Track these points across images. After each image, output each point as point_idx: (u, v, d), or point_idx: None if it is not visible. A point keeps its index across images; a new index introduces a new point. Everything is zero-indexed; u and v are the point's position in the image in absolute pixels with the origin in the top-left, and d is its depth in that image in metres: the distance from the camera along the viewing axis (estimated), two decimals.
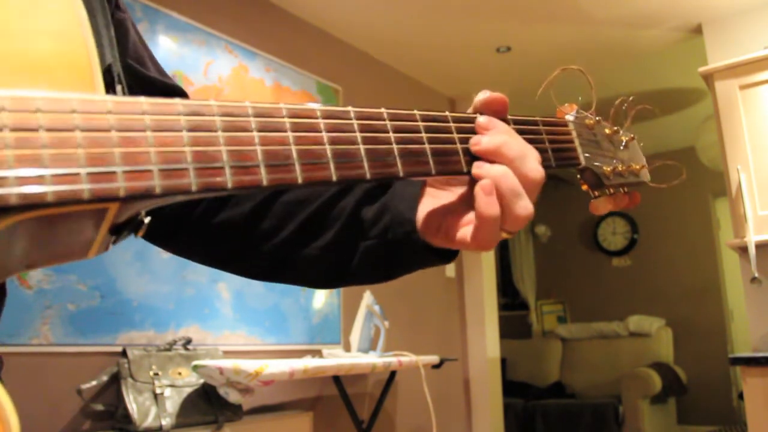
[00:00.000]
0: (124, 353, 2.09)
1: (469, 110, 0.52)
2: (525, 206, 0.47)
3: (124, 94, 0.47)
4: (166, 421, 1.98)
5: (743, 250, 2.67)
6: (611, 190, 0.60)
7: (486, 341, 3.86)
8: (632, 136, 0.64)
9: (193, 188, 0.35)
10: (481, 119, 0.50)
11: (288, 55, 3.03)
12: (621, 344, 5.22)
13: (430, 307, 3.68)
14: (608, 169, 0.59)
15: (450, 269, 3.89)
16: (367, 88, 3.52)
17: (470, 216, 0.50)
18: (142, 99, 0.36)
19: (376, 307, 2.75)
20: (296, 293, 2.83)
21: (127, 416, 1.95)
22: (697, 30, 3.29)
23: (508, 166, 0.48)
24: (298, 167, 0.40)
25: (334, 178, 0.41)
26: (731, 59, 2.78)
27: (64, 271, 2.04)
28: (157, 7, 2.47)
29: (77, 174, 0.32)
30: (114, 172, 0.33)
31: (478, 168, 0.48)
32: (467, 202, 0.51)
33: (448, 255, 0.56)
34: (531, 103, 0.65)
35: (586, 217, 5.96)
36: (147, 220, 0.41)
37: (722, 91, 2.77)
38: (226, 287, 2.54)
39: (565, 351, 5.48)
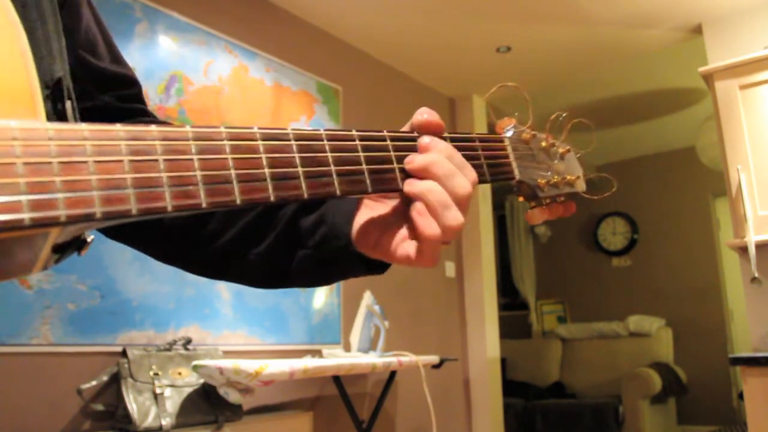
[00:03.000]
0: (124, 353, 2.09)
1: (406, 127, 0.55)
2: (454, 216, 0.49)
3: (73, 109, 0.48)
4: (166, 421, 1.98)
5: (743, 250, 2.67)
6: (547, 201, 0.63)
7: (486, 341, 3.86)
8: (568, 148, 0.67)
9: (134, 212, 0.37)
10: (424, 139, 0.52)
11: (288, 55, 3.03)
12: (621, 344, 5.22)
13: (430, 307, 3.68)
14: (543, 181, 0.62)
15: (450, 269, 3.89)
16: (367, 88, 3.52)
17: (404, 231, 0.52)
18: (83, 126, 0.36)
19: (376, 307, 2.75)
20: (296, 293, 2.83)
21: (127, 416, 1.95)
22: (697, 30, 3.29)
23: (437, 183, 0.50)
24: (236, 189, 0.41)
25: (272, 199, 0.43)
26: (731, 59, 2.78)
27: (64, 271, 2.04)
28: (157, 7, 2.47)
29: (18, 201, 0.33)
30: (55, 199, 0.34)
31: (409, 185, 0.50)
32: (401, 215, 0.53)
33: (383, 265, 0.58)
34: (528, 104, 0.67)
35: (586, 217, 5.96)
36: (90, 239, 0.42)
37: (722, 91, 2.77)
38: (226, 287, 2.54)
39: (565, 351, 5.48)
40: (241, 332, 2.56)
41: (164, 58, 2.48)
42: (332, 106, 3.22)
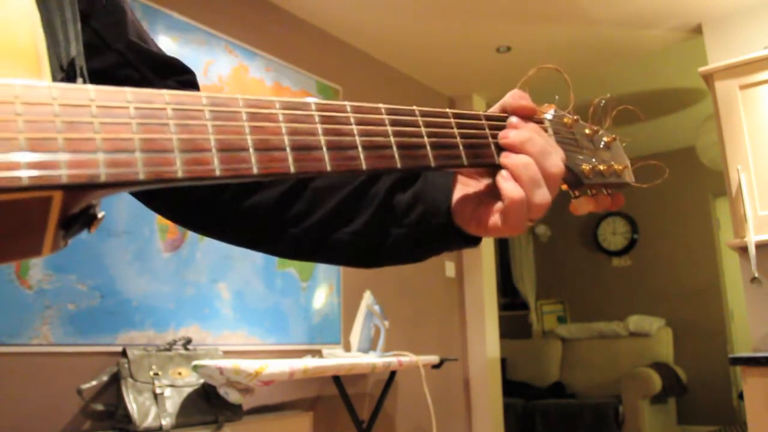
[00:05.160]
0: (124, 353, 2.09)
1: (496, 107, 0.56)
2: (543, 194, 0.51)
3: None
4: (166, 421, 1.98)
5: (743, 250, 2.67)
6: (593, 191, 0.60)
7: (486, 341, 3.86)
8: (614, 136, 0.63)
9: (141, 177, 0.34)
10: (513, 119, 0.54)
11: (288, 55, 3.03)
12: (621, 344, 5.22)
13: (430, 307, 3.68)
14: (587, 167, 0.58)
15: (450, 269, 3.89)
16: (367, 88, 3.52)
17: (499, 205, 0.53)
18: (90, 87, 0.35)
19: (376, 307, 2.75)
20: (296, 293, 2.83)
21: (127, 416, 1.95)
22: (697, 30, 3.29)
23: (532, 159, 0.52)
24: (253, 157, 0.38)
25: (293, 170, 0.40)
26: (731, 59, 2.78)
27: (64, 271, 2.04)
28: (157, 7, 2.47)
29: (17, 161, 0.30)
30: (56, 160, 0.32)
31: (505, 158, 0.52)
32: (494, 192, 0.54)
33: (476, 239, 0.59)
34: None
35: (586, 217, 5.95)
36: (101, 215, 0.40)
37: (722, 91, 2.77)
38: (226, 287, 2.54)
39: (565, 351, 5.48)
40: (241, 332, 2.56)
41: None
42: None
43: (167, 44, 2.50)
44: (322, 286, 2.98)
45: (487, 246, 4.05)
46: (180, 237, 2.40)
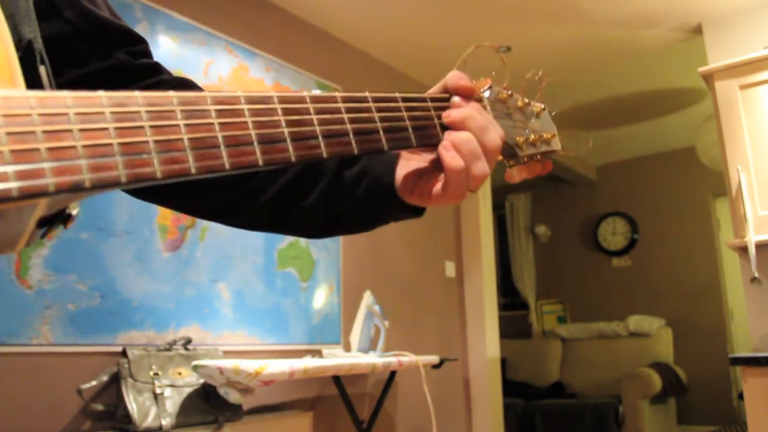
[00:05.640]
0: (124, 353, 2.09)
1: (437, 87, 0.60)
2: (482, 167, 0.55)
3: (48, 76, 0.47)
4: (166, 421, 1.98)
5: (743, 250, 2.67)
6: (525, 159, 0.64)
7: (486, 341, 3.86)
8: (542, 106, 0.68)
9: (123, 180, 0.36)
10: (456, 99, 0.59)
11: (288, 55, 3.03)
12: (621, 344, 5.22)
13: (430, 307, 3.68)
14: (521, 139, 0.63)
15: (450, 269, 3.89)
16: (367, 88, 3.50)
17: (441, 176, 0.57)
18: (65, 93, 0.36)
19: (376, 307, 2.75)
20: (296, 293, 2.83)
21: (127, 416, 1.95)
22: (697, 30, 3.29)
23: (472, 134, 0.55)
24: (224, 153, 0.41)
25: (261, 163, 0.42)
26: (731, 59, 2.78)
27: (64, 271, 2.04)
28: (157, 7, 2.47)
29: (4, 172, 0.32)
30: (42, 168, 0.33)
31: (448, 135, 0.56)
32: (436, 165, 0.58)
33: (418, 209, 0.63)
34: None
35: (586, 217, 5.96)
36: (75, 212, 0.42)
37: (722, 91, 2.77)
38: (226, 287, 2.54)
39: (565, 351, 5.48)
40: (241, 332, 2.56)
41: (164, 58, 2.48)
42: None
43: (167, 44, 2.50)
44: (322, 286, 2.98)
45: (487, 246, 4.05)
46: (180, 237, 2.40)
